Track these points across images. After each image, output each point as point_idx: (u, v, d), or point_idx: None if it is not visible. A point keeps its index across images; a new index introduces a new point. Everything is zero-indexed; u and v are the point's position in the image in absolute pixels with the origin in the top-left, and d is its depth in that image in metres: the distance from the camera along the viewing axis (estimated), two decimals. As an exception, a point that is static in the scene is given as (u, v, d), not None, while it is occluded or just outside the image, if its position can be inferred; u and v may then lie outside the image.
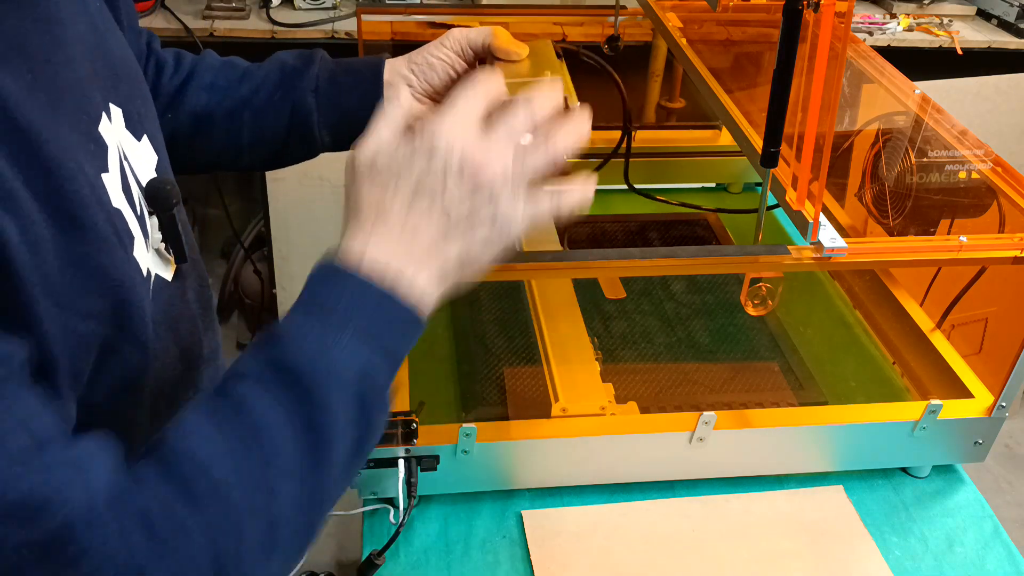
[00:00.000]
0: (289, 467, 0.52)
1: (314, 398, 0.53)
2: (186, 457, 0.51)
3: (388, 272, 0.57)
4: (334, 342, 0.54)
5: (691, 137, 1.55)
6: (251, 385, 0.53)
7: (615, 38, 1.41)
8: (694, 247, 1.31)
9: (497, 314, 1.21)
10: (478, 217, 0.59)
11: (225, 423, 0.52)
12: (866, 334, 1.20)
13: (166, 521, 0.49)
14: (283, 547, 0.53)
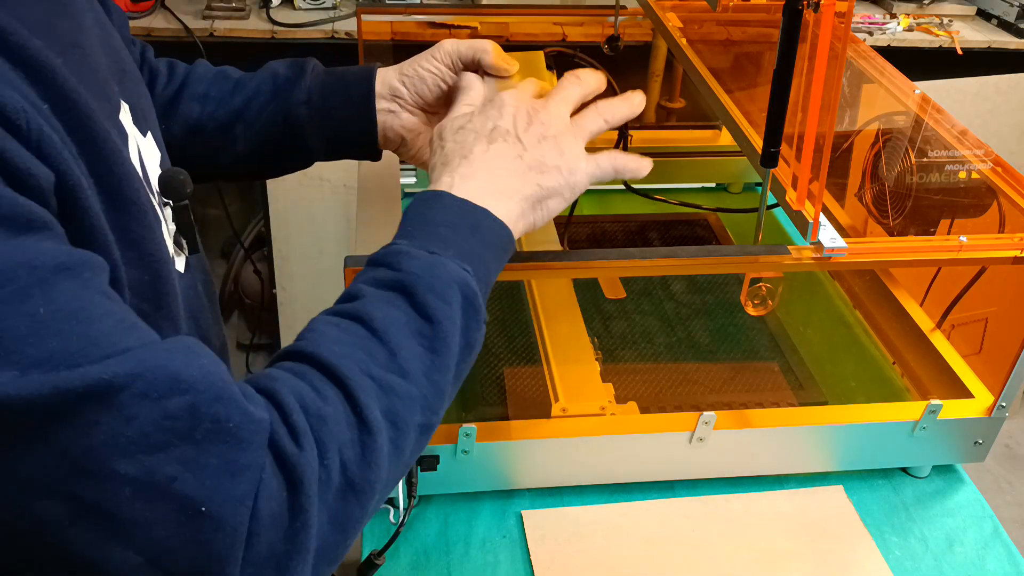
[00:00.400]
0: (412, 362, 0.58)
1: (428, 311, 0.60)
2: (314, 360, 0.55)
3: (474, 201, 0.67)
4: (440, 260, 0.62)
5: (691, 137, 1.55)
6: (369, 304, 0.59)
7: (615, 38, 1.41)
8: (694, 247, 1.31)
9: (497, 314, 1.21)
10: (546, 163, 0.71)
11: (351, 331, 0.58)
12: (866, 334, 1.20)
13: (311, 404, 0.52)
14: (409, 441, 0.57)
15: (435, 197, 0.67)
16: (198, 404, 0.47)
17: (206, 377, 0.48)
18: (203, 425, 0.47)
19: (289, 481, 0.49)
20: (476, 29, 1.60)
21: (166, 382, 0.46)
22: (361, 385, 0.55)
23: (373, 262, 0.64)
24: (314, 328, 0.59)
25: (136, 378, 0.45)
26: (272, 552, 0.48)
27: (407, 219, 0.67)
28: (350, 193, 2.07)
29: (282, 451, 0.50)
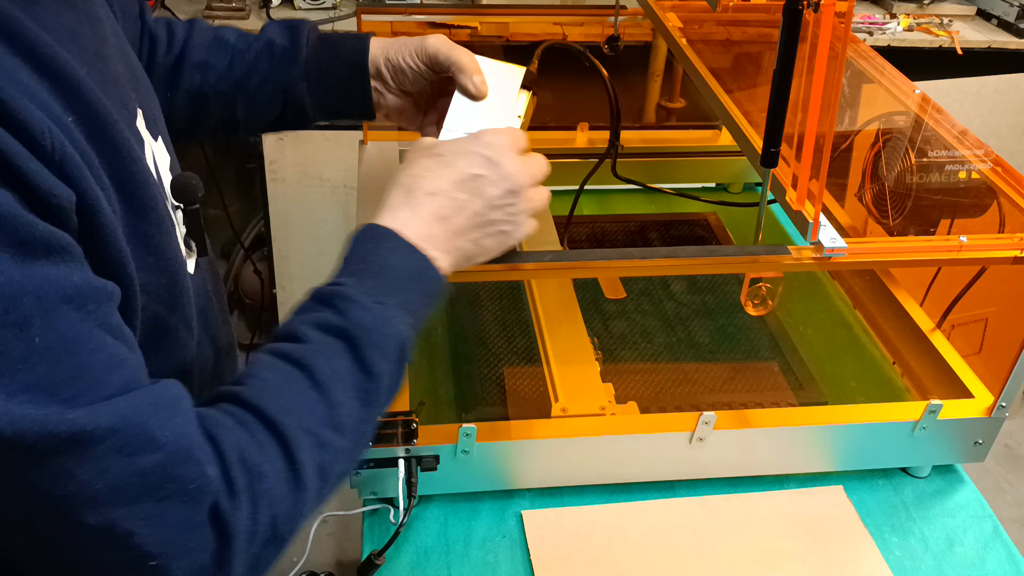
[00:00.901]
0: (347, 418, 0.60)
1: (370, 367, 0.62)
2: (257, 411, 0.57)
3: (424, 250, 0.68)
4: (387, 316, 0.64)
5: (691, 137, 1.55)
6: (314, 351, 0.61)
7: (615, 38, 1.41)
8: (694, 247, 1.31)
9: (497, 314, 1.21)
10: (498, 242, 0.74)
11: (294, 381, 0.59)
12: (866, 334, 1.20)
13: (251, 459, 0.55)
14: (330, 490, 0.61)
15: (386, 237, 0.68)
16: (167, 464, 0.50)
17: (178, 439, 0.51)
18: (169, 485, 0.50)
19: (219, 534, 0.52)
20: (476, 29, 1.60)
21: (141, 440, 0.49)
22: (300, 444, 0.57)
23: (319, 299, 0.64)
24: (258, 375, 0.60)
25: (115, 433, 0.48)
26: None
27: (356, 255, 0.67)
28: (350, 193, 2.07)
29: (218, 506, 0.52)
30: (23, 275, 0.45)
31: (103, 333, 0.50)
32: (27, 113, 0.47)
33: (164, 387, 0.53)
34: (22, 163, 0.46)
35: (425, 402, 1.02)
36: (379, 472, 0.91)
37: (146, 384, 0.52)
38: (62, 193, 0.48)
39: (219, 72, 0.90)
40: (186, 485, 0.50)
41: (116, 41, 0.66)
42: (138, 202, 0.57)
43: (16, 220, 0.45)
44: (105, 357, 0.49)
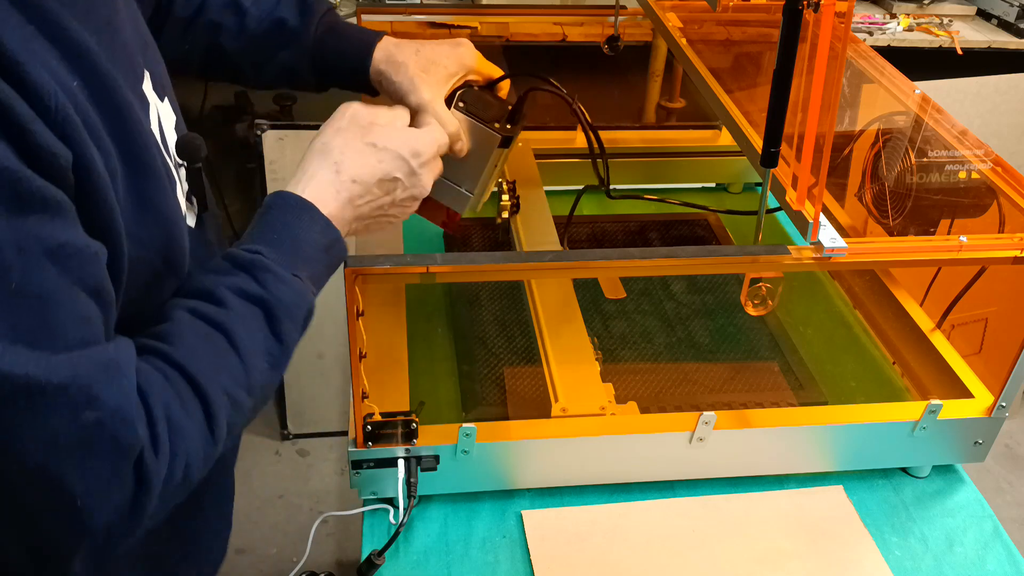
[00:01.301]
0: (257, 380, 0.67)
1: (283, 336, 0.69)
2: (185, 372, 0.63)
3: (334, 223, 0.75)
4: (302, 289, 0.71)
5: (691, 137, 1.55)
6: (234, 318, 0.67)
7: (615, 38, 1.41)
8: (694, 247, 1.31)
9: (497, 314, 1.21)
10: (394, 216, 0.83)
11: (216, 344, 0.66)
12: (866, 334, 1.20)
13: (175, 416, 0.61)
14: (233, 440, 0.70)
15: (307, 210, 0.75)
16: (105, 423, 0.55)
17: (119, 400, 0.56)
18: (102, 440, 0.55)
19: (139, 481, 0.58)
20: (476, 29, 1.60)
21: (86, 399, 0.54)
22: (219, 404, 0.64)
23: (239, 265, 0.70)
24: (184, 336, 0.65)
25: (63, 390, 0.52)
26: (109, 532, 0.58)
27: (274, 224, 0.73)
28: (350, 193, 2.07)
29: (142, 458, 0.58)
30: (10, 227, 0.50)
31: (77, 290, 0.54)
32: (37, 78, 0.52)
33: (116, 349, 0.58)
34: (27, 123, 0.50)
35: (425, 402, 1.02)
36: (379, 472, 0.91)
37: (101, 340, 0.57)
38: (61, 152, 0.53)
39: (231, 34, 0.95)
40: (119, 441, 0.56)
41: (128, 9, 0.71)
42: (137, 162, 0.61)
43: (15, 175, 0.50)
44: (73, 312, 0.54)
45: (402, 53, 0.94)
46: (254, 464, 2.37)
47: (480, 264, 0.86)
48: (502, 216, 1.16)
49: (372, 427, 0.89)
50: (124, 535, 0.59)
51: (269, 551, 2.15)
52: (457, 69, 0.95)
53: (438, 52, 0.95)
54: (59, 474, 0.54)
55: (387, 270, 0.81)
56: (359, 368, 0.86)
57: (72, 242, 0.54)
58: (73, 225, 0.54)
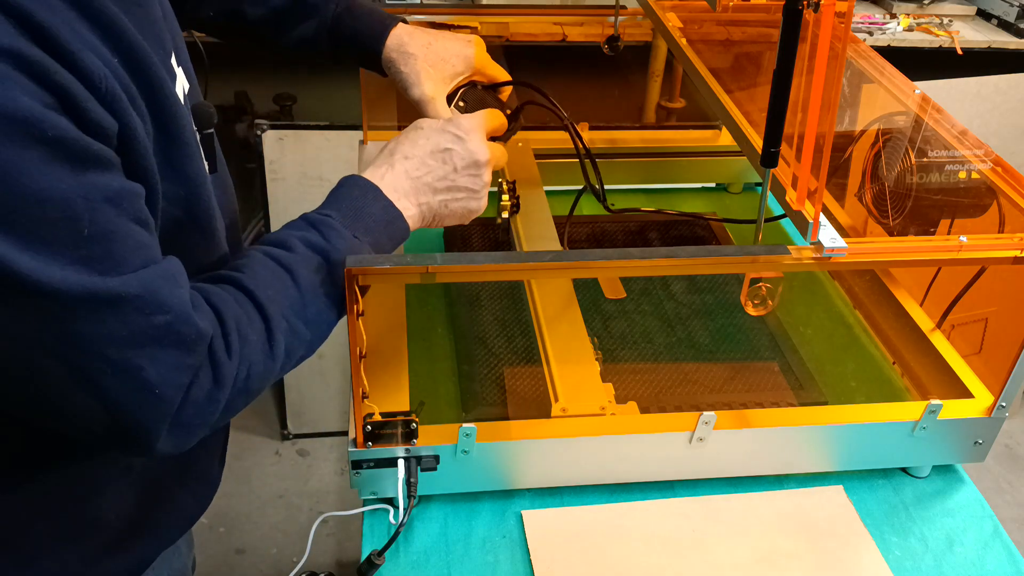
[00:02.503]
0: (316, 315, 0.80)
1: (340, 280, 0.80)
2: (252, 295, 0.76)
3: (397, 199, 0.87)
4: (360, 246, 0.83)
5: (691, 137, 1.55)
6: (299, 260, 0.79)
7: (615, 38, 1.41)
8: (694, 247, 1.31)
9: (497, 314, 1.21)
10: (464, 189, 0.91)
11: (281, 279, 0.78)
12: (866, 334, 1.20)
13: (242, 328, 0.74)
14: (291, 366, 0.81)
15: (370, 189, 0.87)
16: (172, 323, 0.66)
17: (181, 305, 0.68)
18: (170, 336, 0.67)
19: (216, 379, 0.71)
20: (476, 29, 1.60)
21: (156, 304, 0.65)
22: (279, 325, 0.76)
23: (309, 222, 0.83)
24: (253, 268, 0.78)
25: (137, 298, 0.64)
26: (189, 421, 0.70)
27: (342, 197, 0.86)
28: (350, 193, 2.07)
29: (218, 358, 0.71)
30: (78, 182, 0.60)
31: (132, 223, 0.65)
32: (88, 62, 0.61)
33: (171, 263, 0.69)
34: (82, 102, 0.60)
35: (425, 402, 1.02)
36: (379, 472, 0.91)
37: (159, 260, 0.67)
38: (109, 124, 0.63)
39: (254, 5, 1.03)
40: (184, 338, 0.67)
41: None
42: (167, 129, 0.70)
43: (76, 141, 0.60)
44: (133, 242, 0.65)
45: (414, 44, 1.01)
46: (254, 464, 2.37)
47: (480, 264, 0.86)
48: (502, 216, 1.16)
49: (372, 427, 0.89)
50: (203, 424, 0.72)
51: (269, 551, 2.15)
52: (464, 69, 1.02)
53: (448, 50, 1.02)
54: (138, 365, 0.65)
55: (387, 270, 0.81)
56: (359, 368, 0.86)
57: (123, 187, 0.64)
58: (121, 174, 0.65)
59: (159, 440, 0.69)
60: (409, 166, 0.89)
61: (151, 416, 0.68)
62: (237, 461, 2.37)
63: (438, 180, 0.90)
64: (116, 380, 0.65)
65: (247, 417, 2.48)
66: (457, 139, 0.90)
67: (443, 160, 0.90)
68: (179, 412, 0.69)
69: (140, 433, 0.68)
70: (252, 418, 2.48)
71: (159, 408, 0.68)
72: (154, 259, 0.67)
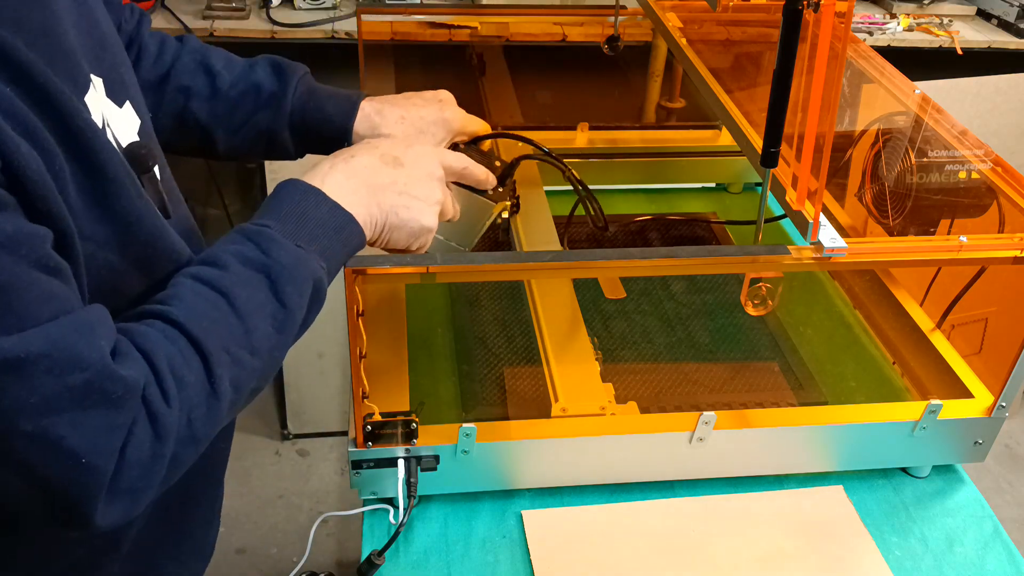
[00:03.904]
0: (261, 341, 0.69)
1: (285, 299, 0.71)
2: (183, 329, 0.66)
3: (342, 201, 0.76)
4: (304, 256, 0.73)
5: (691, 137, 1.55)
6: (235, 280, 0.69)
7: (615, 38, 1.41)
8: (694, 247, 1.31)
9: (497, 314, 1.21)
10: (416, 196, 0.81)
11: (217, 306, 0.68)
12: (866, 334, 1.20)
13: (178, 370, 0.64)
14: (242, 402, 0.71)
15: (311, 193, 0.76)
16: (92, 380, 0.58)
17: (101, 358, 0.59)
18: (93, 396, 0.58)
19: (156, 434, 0.62)
20: (476, 29, 1.60)
21: (69, 361, 0.57)
22: (219, 359, 0.66)
23: (244, 235, 0.73)
24: (182, 296, 0.68)
25: (45, 357, 0.56)
26: (133, 486, 0.62)
27: (279, 204, 0.75)
28: (350, 193, 2.07)
29: (155, 409, 0.62)
30: None
31: (35, 271, 0.57)
32: None
33: (89, 312, 0.61)
34: None
35: (425, 402, 1.02)
36: (379, 472, 0.91)
37: (76, 309, 0.60)
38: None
39: (202, 99, 0.93)
40: (109, 394, 0.59)
41: (74, 17, 0.70)
42: (86, 161, 0.63)
43: None
44: (38, 292, 0.57)
45: (387, 123, 0.93)
46: (254, 464, 2.37)
47: (480, 264, 0.86)
48: (502, 216, 1.16)
49: (372, 427, 0.89)
50: (150, 485, 0.63)
51: (269, 551, 2.15)
52: (445, 135, 0.95)
53: (424, 119, 0.94)
54: (58, 434, 0.57)
55: (387, 270, 0.81)
56: (359, 368, 0.86)
57: (20, 230, 0.57)
58: (15, 216, 0.58)
59: (97, 513, 0.61)
60: (354, 164, 0.79)
61: (83, 489, 0.60)
62: (237, 461, 2.37)
63: (388, 182, 0.80)
64: (36, 454, 0.58)
65: (247, 417, 2.48)
66: (407, 148, 0.83)
67: (393, 163, 0.81)
68: (118, 478, 0.61)
69: (73, 509, 0.61)
70: (252, 418, 2.48)
71: (92, 479, 0.60)
72: (65, 311, 0.59)
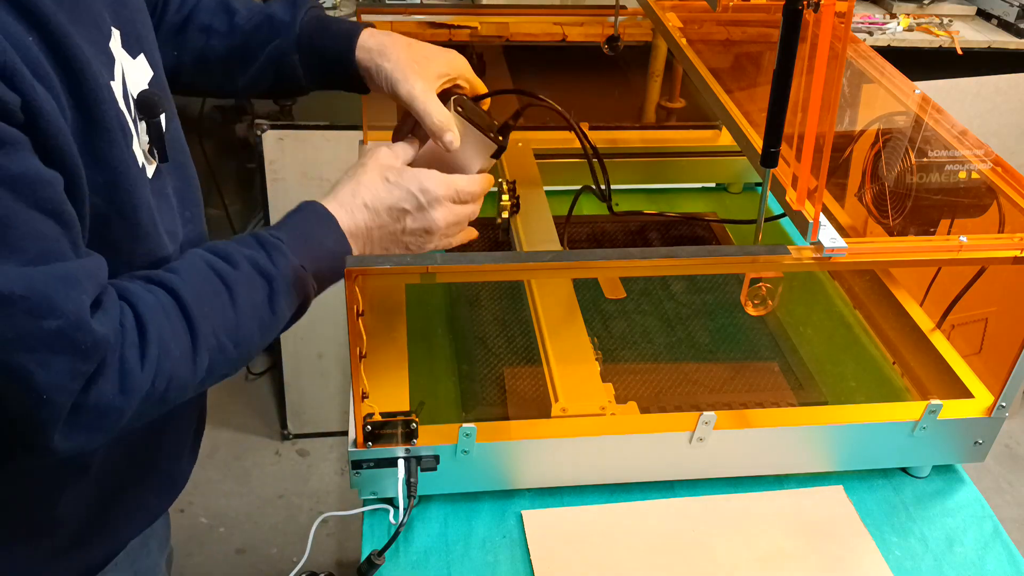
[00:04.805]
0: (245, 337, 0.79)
1: (276, 308, 0.80)
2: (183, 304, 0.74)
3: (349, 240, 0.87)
4: (306, 277, 0.82)
5: (691, 137, 1.55)
6: (241, 279, 0.78)
7: (615, 38, 1.41)
8: (694, 247, 1.31)
9: (497, 314, 1.21)
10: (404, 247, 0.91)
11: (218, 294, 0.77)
12: (866, 334, 1.20)
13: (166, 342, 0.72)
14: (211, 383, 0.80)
15: (328, 221, 0.86)
16: (64, 328, 0.64)
17: (78, 310, 0.65)
18: (62, 342, 0.64)
19: (122, 388, 0.69)
20: (476, 29, 1.60)
21: (47, 308, 0.63)
22: (206, 342, 0.75)
23: (260, 242, 0.81)
24: (192, 276, 0.76)
25: (26, 299, 0.62)
26: (89, 425, 0.69)
27: (298, 222, 0.85)
28: (350, 193, 2.07)
29: (128, 368, 0.69)
30: None
31: (33, 211, 0.63)
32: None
33: (82, 264, 0.67)
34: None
35: (425, 402, 1.02)
36: (379, 472, 0.91)
37: (68, 256, 0.66)
38: (10, 99, 0.61)
39: (221, 35, 0.99)
40: (78, 344, 0.65)
41: None
42: (87, 113, 0.68)
43: None
44: (30, 230, 0.62)
45: (393, 42, 0.97)
46: (254, 464, 2.37)
47: (480, 264, 0.86)
48: (502, 216, 1.16)
49: (372, 427, 0.89)
50: (105, 429, 0.70)
51: (269, 551, 2.15)
52: (448, 70, 0.97)
53: (429, 50, 0.97)
54: (25, 369, 0.63)
55: (387, 270, 0.81)
56: (359, 368, 0.86)
57: (27, 172, 0.62)
58: (27, 157, 0.62)
59: (52, 441, 0.67)
60: (366, 216, 0.88)
61: (40, 419, 0.66)
62: (237, 461, 2.37)
63: (385, 236, 0.89)
64: (4, 381, 0.64)
65: (247, 417, 2.48)
66: (419, 208, 0.89)
67: (396, 218, 0.89)
68: (77, 415, 0.67)
69: (31, 434, 0.67)
70: (252, 418, 2.48)
71: (49, 414, 0.66)
72: (55, 253, 0.65)
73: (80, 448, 0.70)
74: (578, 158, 1.40)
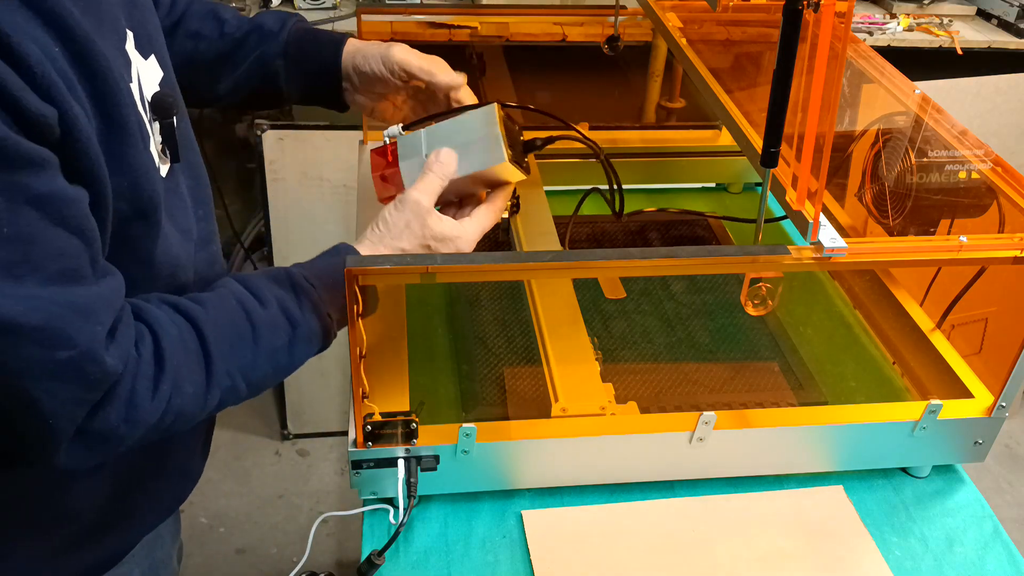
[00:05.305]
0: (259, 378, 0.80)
1: (295, 356, 0.83)
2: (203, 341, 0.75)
3: None
4: (330, 328, 0.85)
5: (691, 137, 1.55)
6: (267, 320, 0.80)
7: (615, 38, 1.41)
8: (694, 247, 1.31)
9: (497, 314, 1.21)
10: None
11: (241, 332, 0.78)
12: (866, 334, 1.20)
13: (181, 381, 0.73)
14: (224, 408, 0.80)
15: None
16: (75, 359, 0.65)
17: (91, 342, 0.65)
18: (72, 373, 0.65)
19: (128, 418, 0.70)
20: (476, 29, 1.60)
21: (60, 339, 0.63)
22: (221, 381, 0.76)
23: (292, 284, 0.83)
24: (218, 313, 0.77)
25: (39, 330, 0.62)
26: (92, 446, 0.70)
27: (327, 266, 0.86)
28: (350, 193, 2.07)
29: (138, 401, 0.70)
30: (1, 182, 0.59)
31: (59, 229, 0.63)
32: (25, 49, 0.59)
33: (98, 294, 0.67)
34: (18, 92, 0.59)
35: (425, 402, 1.02)
36: (379, 472, 0.91)
37: (87, 274, 0.66)
38: (48, 113, 0.61)
39: (210, 41, 1.01)
40: (88, 376, 0.66)
41: None
42: (109, 118, 0.68)
43: (4, 141, 0.58)
44: (53, 249, 0.63)
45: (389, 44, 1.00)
46: (254, 464, 2.37)
47: (480, 264, 0.86)
48: (502, 216, 1.16)
49: (372, 427, 0.89)
50: (107, 451, 0.72)
51: (269, 551, 2.15)
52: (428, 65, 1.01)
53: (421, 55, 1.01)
54: (33, 395, 0.64)
55: (387, 270, 0.81)
56: (359, 368, 0.86)
57: (54, 192, 0.62)
58: (55, 176, 0.63)
59: (55, 459, 0.69)
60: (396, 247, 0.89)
61: (44, 439, 0.68)
62: (237, 461, 2.37)
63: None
64: (11, 404, 0.65)
65: (247, 417, 2.48)
66: (445, 244, 0.90)
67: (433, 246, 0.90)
68: (79, 438, 0.69)
69: (34, 450, 0.69)
70: (252, 418, 2.48)
71: (53, 436, 0.67)
72: (75, 270, 0.65)
73: (82, 466, 0.72)
74: (578, 158, 1.41)
